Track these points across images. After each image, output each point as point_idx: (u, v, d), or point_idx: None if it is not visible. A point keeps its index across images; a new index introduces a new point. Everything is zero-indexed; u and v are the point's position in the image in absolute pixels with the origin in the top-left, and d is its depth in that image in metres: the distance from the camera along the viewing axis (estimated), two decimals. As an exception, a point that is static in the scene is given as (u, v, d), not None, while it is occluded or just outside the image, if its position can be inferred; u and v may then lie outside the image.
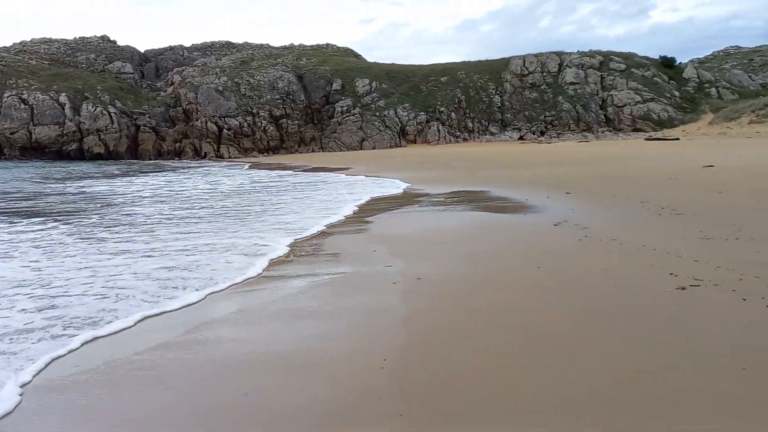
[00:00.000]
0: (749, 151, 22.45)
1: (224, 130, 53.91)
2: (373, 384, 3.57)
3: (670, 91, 54.43)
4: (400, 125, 57.24)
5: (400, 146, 54.86)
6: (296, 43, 77.81)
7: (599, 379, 3.45)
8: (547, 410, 3.13)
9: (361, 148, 54.53)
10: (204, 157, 51.24)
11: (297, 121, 57.07)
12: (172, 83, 60.55)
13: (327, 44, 77.91)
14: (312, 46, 76.95)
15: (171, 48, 72.16)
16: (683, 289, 5.03)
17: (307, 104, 58.81)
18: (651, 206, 9.81)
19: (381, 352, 4.03)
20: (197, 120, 53.80)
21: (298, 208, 13.32)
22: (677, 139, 38.74)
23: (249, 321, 5.12)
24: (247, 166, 37.60)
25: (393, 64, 66.83)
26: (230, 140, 53.66)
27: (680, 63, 60.14)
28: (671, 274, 5.47)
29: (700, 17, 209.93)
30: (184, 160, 49.00)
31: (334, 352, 4.21)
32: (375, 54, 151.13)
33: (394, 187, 18.23)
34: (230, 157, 51.22)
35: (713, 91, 54.63)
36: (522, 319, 4.61)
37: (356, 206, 13.22)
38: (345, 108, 58.15)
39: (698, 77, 56.70)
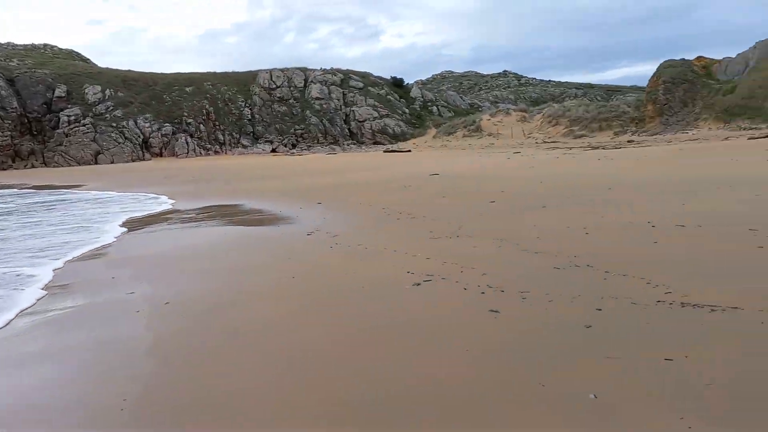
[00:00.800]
0: (463, 160, 26.50)
1: None
2: (111, 430, 3.15)
3: (401, 108, 61.16)
4: (142, 137, 52.90)
5: (144, 160, 50.71)
6: (3, 42, 65.98)
7: (360, 384, 3.61)
8: (314, 423, 3.16)
9: (96, 163, 48.81)
10: None
11: (9, 132, 48.45)
12: None
13: (45, 45, 67.91)
14: (25, 45, 66.26)
15: None
16: (418, 284, 5.63)
17: (21, 113, 50.32)
18: (390, 211, 10.81)
19: (120, 391, 3.59)
20: None
21: (34, 235, 11.23)
22: (409, 151, 43.72)
23: (-59, 381, 4.09)
24: (-64, 187, 30.43)
25: (130, 71, 61.43)
26: None
27: (408, 84, 68.04)
28: (408, 272, 6.08)
29: (421, 44, 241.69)
30: None
31: (62, 400, 3.61)
32: (108, 59, 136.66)
33: (150, 203, 16.78)
34: None
35: (435, 109, 63.18)
36: (279, 332, 4.61)
37: (113, 226, 11.83)
38: (73, 118, 51.41)
39: (422, 97, 64.92)
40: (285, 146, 57.00)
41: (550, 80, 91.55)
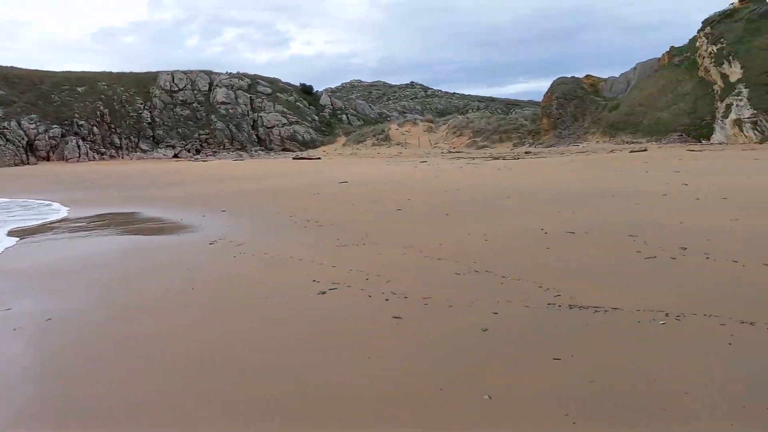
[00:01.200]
0: (372, 168, 26.78)
1: None
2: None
3: (311, 116, 60.80)
4: (26, 139, 48.76)
5: (28, 164, 46.72)
6: None
7: (262, 392, 3.54)
8: (213, 426, 3.05)
9: (-29, 167, 44.24)
10: None
11: None
12: None
13: None
14: None
15: None
16: (324, 293, 5.61)
17: None
18: (298, 219, 10.69)
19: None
20: None
21: None
22: (319, 158, 43.51)
23: None
24: None
25: (13, 68, 56.46)
26: None
27: (317, 91, 67.80)
28: (314, 280, 6.04)
29: (329, 53, 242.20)
30: None
31: None
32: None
33: (42, 210, 15.44)
34: None
35: (344, 117, 63.42)
36: (177, 343, 4.40)
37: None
38: (-57, 116, 46.36)
39: (332, 104, 64.95)
40: (188, 151, 54.72)
41: (454, 92, 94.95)
